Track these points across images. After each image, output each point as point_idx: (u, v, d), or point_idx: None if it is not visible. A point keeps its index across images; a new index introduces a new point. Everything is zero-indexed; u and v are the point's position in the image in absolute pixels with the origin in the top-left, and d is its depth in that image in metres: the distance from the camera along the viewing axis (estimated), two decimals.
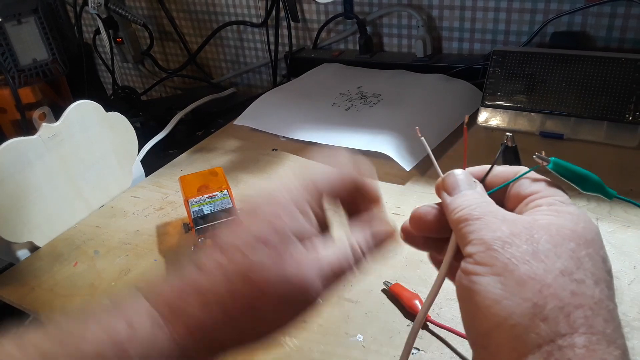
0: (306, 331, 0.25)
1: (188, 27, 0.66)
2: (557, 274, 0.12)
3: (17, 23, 0.41)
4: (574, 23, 0.46)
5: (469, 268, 0.13)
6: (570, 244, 0.13)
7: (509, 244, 0.13)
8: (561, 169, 0.15)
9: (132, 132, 0.39)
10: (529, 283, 0.12)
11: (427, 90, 0.46)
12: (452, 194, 0.15)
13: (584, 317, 0.12)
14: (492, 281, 0.13)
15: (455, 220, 0.15)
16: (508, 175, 0.16)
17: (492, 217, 0.14)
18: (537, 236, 0.13)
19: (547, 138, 0.40)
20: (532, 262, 0.12)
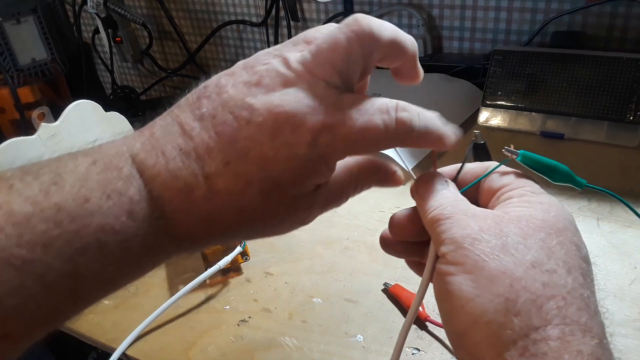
0: (305, 331, 0.25)
1: (187, 27, 0.66)
2: (527, 266, 0.12)
3: (16, 22, 0.41)
4: (574, 22, 0.45)
5: (442, 269, 0.13)
6: (540, 234, 0.13)
7: (478, 241, 0.13)
8: (530, 160, 0.15)
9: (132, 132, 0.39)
10: (500, 278, 0.12)
11: (427, 90, 0.46)
12: (424, 196, 0.15)
13: (556, 307, 0.12)
14: (464, 280, 0.12)
15: (429, 221, 0.14)
16: (479, 171, 0.16)
17: (462, 215, 0.14)
18: (506, 229, 0.13)
19: (548, 138, 0.40)
20: (501, 257, 0.12)
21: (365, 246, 0.31)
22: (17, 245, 0.12)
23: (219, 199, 0.13)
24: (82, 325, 0.26)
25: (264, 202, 0.14)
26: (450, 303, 0.13)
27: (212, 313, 0.27)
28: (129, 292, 0.28)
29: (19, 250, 0.12)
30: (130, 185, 0.13)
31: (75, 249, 0.12)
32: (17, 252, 0.12)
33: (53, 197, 0.12)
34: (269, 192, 0.14)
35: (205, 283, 0.28)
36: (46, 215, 0.12)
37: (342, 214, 0.33)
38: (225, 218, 0.14)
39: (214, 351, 0.24)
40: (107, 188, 0.13)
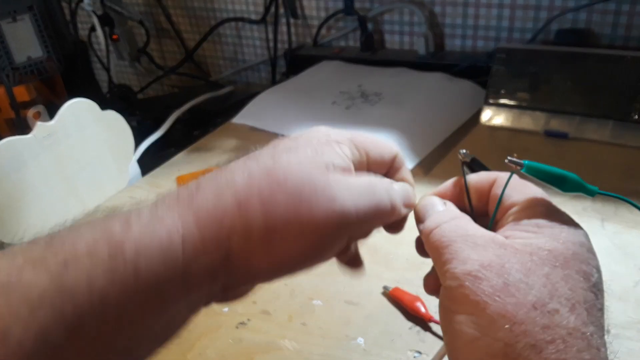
0: (306, 334, 0.25)
1: (185, 24, 0.65)
2: (529, 308, 0.12)
3: (12, 20, 0.40)
4: (578, 20, 0.45)
5: (445, 304, 0.13)
6: (544, 268, 0.12)
7: (479, 279, 0.13)
8: (535, 172, 0.15)
9: (129, 131, 0.39)
10: (500, 322, 0.12)
11: (429, 89, 0.45)
12: (424, 219, 0.15)
13: (556, 351, 0.12)
14: (466, 320, 0.13)
15: (429, 249, 0.15)
16: (483, 185, 0.16)
17: (462, 244, 0.14)
18: (508, 265, 0.13)
19: (552, 137, 0.40)
20: (502, 298, 0.12)
21: (366, 248, 0.30)
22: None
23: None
24: None
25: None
26: (453, 340, 0.13)
27: (211, 315, 0.26)
28: None
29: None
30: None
31: None
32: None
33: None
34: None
35: None
36: None
37: None
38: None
39: (212, 354, 0.24)
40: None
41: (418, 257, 0.29)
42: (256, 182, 0.14)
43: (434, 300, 0.25)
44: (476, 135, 0.41)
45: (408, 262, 0.28)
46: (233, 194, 0.14)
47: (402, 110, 0.43)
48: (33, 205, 0.32)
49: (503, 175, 0.16)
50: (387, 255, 0.29)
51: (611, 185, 0.32)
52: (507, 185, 0.15)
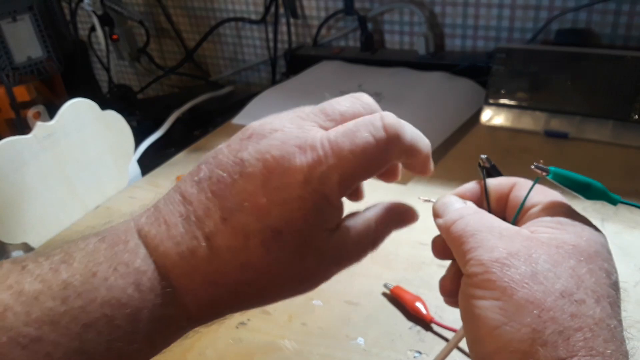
0: (306, 334, 0.25)
1: (185, 24, 0.65)
2: (556, 296, 0.12)
3: (12, 20, 0.40)
4: (578, 20, 0.45)
5: (469, 291, 0.13)
6: (570, 261, 0.13)
7: (507, 266, 0.13)
8: (562, 178, 0.15)
9: (129, 131, 0.39)
10: (528, 308, 0.12)
11: (429, 89, 0.45)
12: (443, 213, 0.15)
13: (583, 339, 0.12)
14: (492, 306, 0.12)
15: (451, 238, 0.14)
16: (503, 189, 0.16)
17: (488, 233, 0.13)
18: (536, 255, 0.13)
19: (552, 137, 0.39)
20: (531, 285, 0.12)
21: None
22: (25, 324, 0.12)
23: (220, 257, 0.13)
24: None
25: (268, 253, 0.13)
26: (477, 327, 0.13)
27: None
28: None
29: (27, 328, 0.12)
30: (136, 257, 0.13)
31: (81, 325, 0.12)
32: (25, 331, 0.12)
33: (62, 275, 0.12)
34: (270, 241, 0.13)
35: None
36: (54, 292, 0.12)
37: None
38: (230, 277, 0.13)
39: (212, 354, 0.24)
40: (113, 261, 0.13)
41: (418, 257, 0.29)
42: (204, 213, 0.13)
43: (434, 301, 0.25)
44: (476, 135, 0.41)
45: (408, 262, 0.28)
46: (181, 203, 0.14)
47: (402, 110, 0.42)
48: (33, 205, 0.32)
49: (523, 180, 0.16)
50: (387, 255, 0.29)
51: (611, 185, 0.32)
52: (530, 190, 0.15)
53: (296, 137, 0.14)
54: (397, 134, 0.15)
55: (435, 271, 0.28)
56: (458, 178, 0.38)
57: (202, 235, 0.13)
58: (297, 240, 0.14)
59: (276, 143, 0.14)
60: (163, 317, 0.13)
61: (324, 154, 0.14)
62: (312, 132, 0.14)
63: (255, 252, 0.13)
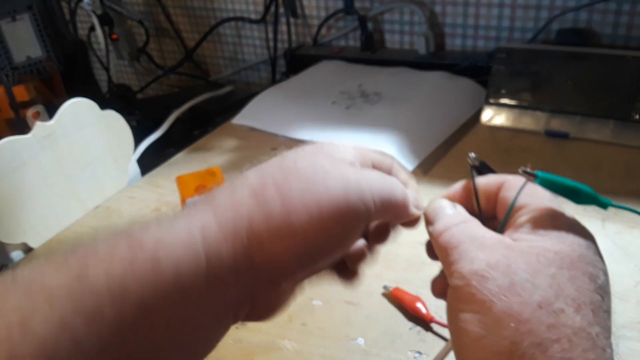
0: (305, 334, 0.25)
1: (185, 24, 0.65)
2: (534, 307, 0.12)
3: (12, 20, 0.40)
4: (579, 20, 0.45)
5: (452, 303, 0.14)
6: (551, 269, 0.13)
7: (485, 279, 0.13)
8: (549, 183, 0.15)
9: (128, 131, 0.39)
10: (505, 320, 0.12)
11: (429, 88, 0.45)
12: (433, 222, 0.16)
13: (561, 350, 0.12)
14: (472, 319, 0.13)
15: (439, 251, 0.15)
16: (491, 188, 0.16)
17: (469, 244, 0.14)
18: (515, 266, 0.13)
19: (553, 137, 0.39)
20: (508, 297, 0.12)
21: None
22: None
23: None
24: None
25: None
26: (460, 338, 0.13)
27: None
28: None
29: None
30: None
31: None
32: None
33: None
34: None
35: None
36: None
37: None
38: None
39: (211, 354, 0.24)
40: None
41: (418, 257, 0.29)
42: (269, 173, 0.14)
43: (434, 301, 0.25)
44: (477, 135, 0.41)
45: (408, 263, 0.28)
46: (247, 187, 0.14)
47: (402, 109, 0.43)
48: (32, 205, 0.32)
49: (511, 178, 0.16)
50: (387, 255, 0.29)
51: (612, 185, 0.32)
52: (516, 198, 0.15)
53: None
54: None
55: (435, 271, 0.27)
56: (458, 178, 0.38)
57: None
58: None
59: None
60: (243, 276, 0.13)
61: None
62: None
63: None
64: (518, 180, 0.15)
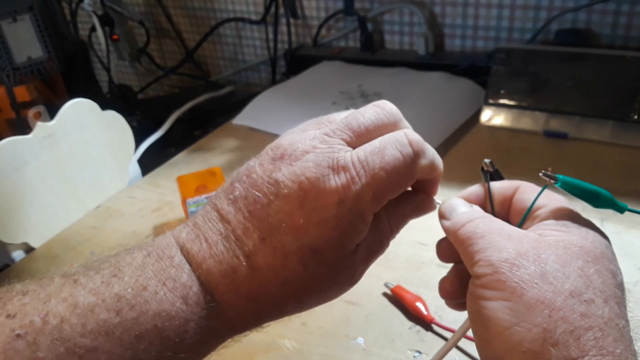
0: (306, 333, 0.25)
1: (185, 24, 0.65)
2: (566, 295, 0.12)
3: (13, 21, 0.40)
4: (578, 20, 0.45)
5: (477, 292, 0.13)
6: (578, 261, 0.13)
7: (516, 267, 0.13)
8: (570, 187, 0.15)
9: (129, 131, 0.39)
10: (538, 307, 0.12)
11: (429, 89, 0.45)
12: (451, 215, 0.15)
13: (594, 338, 0.12)
14: (501, 307, 0.12)
15: (459, 240, 0.14)
16: (506, 192, 0.16)
17: (497, 235, 0.14)
18: (545, 256, 0.13)
19: (551, 137, 0.40)
20: (540, 285, 0.12)
21: None
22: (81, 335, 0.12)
23: (261, 275, 0.14)
24: None
25: (305, 270, 0.14)
26: (486, 328, 0.13)
27: None
28: None
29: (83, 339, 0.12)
30: (182, 272, 0.14)
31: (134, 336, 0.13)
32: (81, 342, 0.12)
33: (114, 288, 0.13)
34: (308, 259, 0.14)
35: None
36: (107, 304, 0.13)
37: None
38: (271, 293, 0.14)
39: (211, 354, 0.24)
40: (161, 276, 0.14)
41: (418, 257, 0.29)
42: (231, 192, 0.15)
43: (434, 301, 0.25)
44: (476, 135, 0.41)
45: (408, 263, 0.28)
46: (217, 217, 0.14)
47: (402, 110, 0.42)
48: (33, 205, 0.32)
49: (525, 184, 0.16)
50: (387, 255, 0.29)
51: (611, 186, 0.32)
52: (538, 196, 0.15)
53: (328, 158, 0.14)
54: (422, 150, 0.15)
55: (435, 271, 0.28)
56: (458, 178, 0.38)
57: (243, 254, 0.14)
58: (334, 256, 0.14)
59: (309, 165, 0.14)
60: (208, 328, 0.14)
61: (357, 173, 0.14)
62: (342, 152, 0.15)
63: (294, 270, 0.14)
64: (532, 186, 0.16)
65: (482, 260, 0.13)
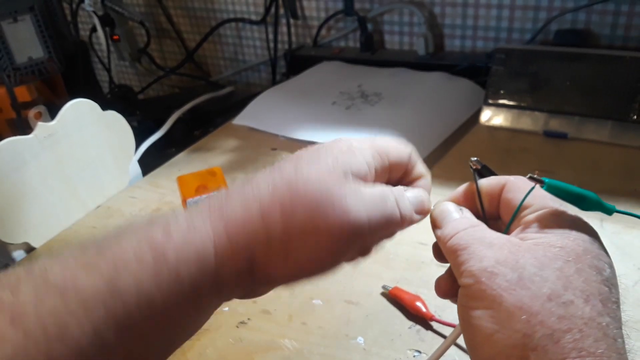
0: (306, 333, 0.25)
1: (186, 25, 0.66)
2: (544, 299, 0.12)
3: (13, 21, 0.40)
4: (577, 21, 0.45)
5: (463, 302, 0.14)
6: (557, 262, 0.13)
7: (495, 274, 0.13)
8: (556, 190, 0.15)
9: (129, 131, 0.39)
10: (517, 314, 0.12)
11: (428, 89, 0.45)
12: (441, 226, 0.16)
13: (573, 340, 0.12)
14: (484, 315, 0.13)
15: (447, 251, 0.15)
16: (494, 190, 0.16)
17: (479, 245, 0.14)
18: (523, 261, 0.13)
19: (551, 137, 0.40)
20: (518, 291, 0.13)
21: None
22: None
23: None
24: None
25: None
26: (473, 335, 0.13)
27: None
28: None
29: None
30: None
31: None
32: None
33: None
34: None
35: None
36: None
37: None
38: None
39: (212, 353, 0.24)
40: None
41: (417, 257, 0.29)
42: (279, 194, 0.15)
43: (434, 300, 0.25)
44: (475, 135, 0.42)
45: (408, 262, 0.28)
46: (258, 206, 0.15)
47: (402, 110, 0.43)
48: (34, 205, 0.32)
49: (512, 179, 0.16)
50: (387, 255, 0.29)
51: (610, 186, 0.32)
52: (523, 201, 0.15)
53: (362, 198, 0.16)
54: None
55: (434, 271, 0.27)
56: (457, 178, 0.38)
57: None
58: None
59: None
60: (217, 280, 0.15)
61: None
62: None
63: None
64: (519, 181, 0.16)
65: (466, 271, 0.14)
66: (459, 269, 0.14)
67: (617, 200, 0.31)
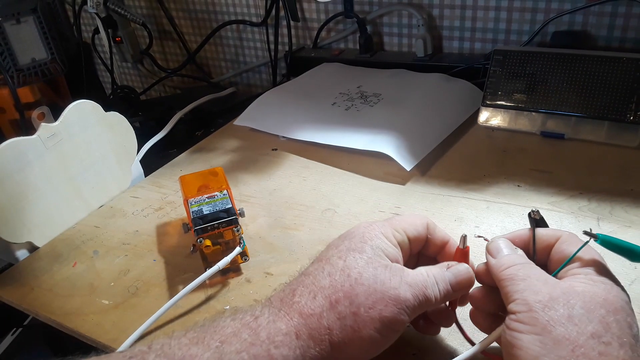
0: None
1: (187, 27, 0.66)
2: (588, 336, 0.15)
3: (16, 22, 0.41)
4: (575, 22, 0.45)
5: (512, 325, 0.16)
6: (601, 310, 0.16)
7: (548, 307, 0.16)
8: (608, 245, 0.17)
9: (132, 132, 0.39)
10: (564, 343, 0.15)
11: (427, 90, 0.46)
12: (495, 257, 0.19)
13: None
14: (532, 339, 0.15)
15: (501, 278, 0.18)
16: (549, 240, 0.19)
17: (535, 280, 0.17)
18: (573, 301, 0.16)
19: (548, 138, 0.40)
20: (567, 325, 0.15)
21: None
22: None
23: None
24: (82, 325, 0.26)
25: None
26: (516, 356, 0.16)
27: (212, 313, 0.26)
28: (129, 292, 0.28)
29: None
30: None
31: None
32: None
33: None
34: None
35: (205, 283, 0.28)
36: None
37: (341, 214, 0.33)
38: None
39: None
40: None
41: None
42: (338, 281, 0.18)
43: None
44: (474, 135, 0.42)
45: None
46: (324, 297, 0.18)
47: (401, 111, 0.43)
48: (37, 205, 0.33)
49: (567, 234, 0.19)
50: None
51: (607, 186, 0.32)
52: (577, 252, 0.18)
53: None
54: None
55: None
56: (457, 178, 0.38)
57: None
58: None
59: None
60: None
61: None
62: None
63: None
64: (572, 238, 0.19)
65: (520, 299, 0.16)
66: (511, 296, 0.17)
67: (614, 200, 0.31)
